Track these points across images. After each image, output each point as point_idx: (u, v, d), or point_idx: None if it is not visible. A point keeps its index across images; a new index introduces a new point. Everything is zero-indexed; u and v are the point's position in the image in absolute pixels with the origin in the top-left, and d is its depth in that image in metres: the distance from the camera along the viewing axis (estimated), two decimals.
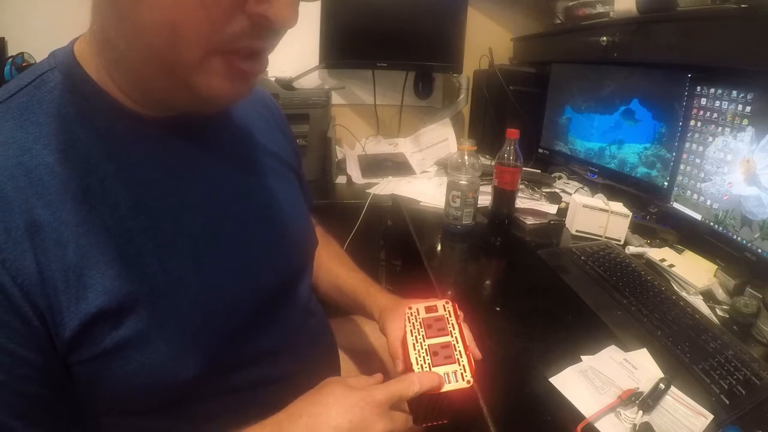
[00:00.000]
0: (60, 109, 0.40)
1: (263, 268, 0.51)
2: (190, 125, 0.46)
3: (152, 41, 0.35)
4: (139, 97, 0.41)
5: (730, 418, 0.56)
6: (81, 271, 0.37)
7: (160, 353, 0.41)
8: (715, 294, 0.84)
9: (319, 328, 0.63)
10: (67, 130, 0.39)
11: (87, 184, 0.39)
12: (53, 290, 0.36)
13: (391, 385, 0.46)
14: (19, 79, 0.41)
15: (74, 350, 0.38)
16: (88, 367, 0.39)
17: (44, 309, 0.36)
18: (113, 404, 0.43)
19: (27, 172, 0.37)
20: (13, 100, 0.39)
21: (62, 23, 0.95)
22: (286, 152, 0.62)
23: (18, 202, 0.36)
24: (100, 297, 0.38)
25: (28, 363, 0.36)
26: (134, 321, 0.40)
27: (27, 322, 0.35)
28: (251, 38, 0.36)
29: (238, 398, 0.50)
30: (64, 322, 0.37)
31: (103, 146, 0.40)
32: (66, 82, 0.40)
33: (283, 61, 1.41)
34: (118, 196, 0.40)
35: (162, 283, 0.42)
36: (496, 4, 1.66)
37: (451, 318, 0.55)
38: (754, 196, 0.81)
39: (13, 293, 0.35)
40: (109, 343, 0.39)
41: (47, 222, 0.37)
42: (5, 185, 0.36)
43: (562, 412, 0.56)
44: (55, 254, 0.37)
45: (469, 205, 1.02)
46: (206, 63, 0.36)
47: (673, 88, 1.01)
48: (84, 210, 0.38)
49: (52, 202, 0.37)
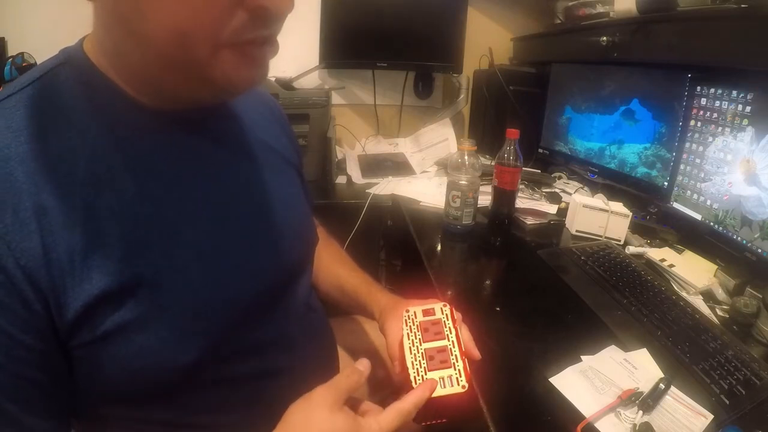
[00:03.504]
0: (70, 101, 0.41)
1: (263, 261, 0.52)
2: (194, 119, 0.47)
3: (164, 50, 0.37)
4: (148, 92, 0.43)
5: (730, 418, 0.56)
6: (86, 253, 0.38)
7: (159, 338, 0.42)
8: (715, 294, 0.84)
9: (318, 324, 0.63)
10: (76, 119, 0.41)
11: (95, 170, 0.40)
12: (58, 271, 0.37)
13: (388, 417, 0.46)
14: (31, 73, 0.43)
15: (76, 333, 0.39)
16: (88, 350, 0.40)
17: (48, 292, 0.37)
18: (112, 390, 0.43)
19: (37, 158, 0.38)
20: (25, 92, 0.41)
21: (62, 23, 0.95)
22: (288, 150, 0.63)
23: (27, 186, 0.37)
24: (104, 278, 0.39)
25: (27, 347, 0.37)
26: (135, 304, 0.41)
27: (28, 306, 0.36)
28: (254, 29, 0.37)
29: (236, 389, 0.50)
30: (67, 303, 0.38)
31: (110, 136, 0.42)
32: (76, 75, 0.42)
33: (283, 61, 1.40)
34: (125, 183, 0.42)
35: (164, 268, 0.42)
36: (496, 4, 1.66)
37: (448, 321, 0.55)
38: (754, 196, 0.81)
39: (16, 276, 0.36)
40: (110, 325, 0.39)
41: (55, 205, 0.38)
42: (16, 170, 0.37)
43: (562, 412, 0.56)
44: (62, 236, 0.38)
45: (469, 205, 1.02)
46: (217, 57, 0.37)
47: (673, 88, 1.01)
48: (92, 195, 0.40)
49: (61, 187, 0.39)
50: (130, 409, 0.46)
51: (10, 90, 0.41)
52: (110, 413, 0.45)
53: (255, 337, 0.51)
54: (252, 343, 0.51)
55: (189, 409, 0.48)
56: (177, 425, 0.48)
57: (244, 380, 0.51)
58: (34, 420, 0.39)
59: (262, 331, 0.52)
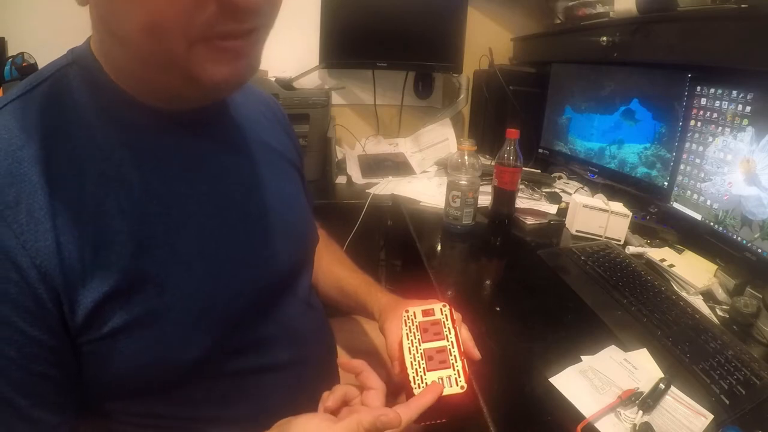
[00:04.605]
0: (78, 100, 0.42)
1: (264, 259, 0.52)
2: (197, 119, 0.48)
3: (141, 47, 0.37)
4: (147, 92, 0.43)
5: (730, 418, 0.56)
6: (96, 251, 0.39)
7: (165, 334, 0.42)
8: (715, 294, 0.84)
9: (317, 322, 0.64)
10: (86, 119, 0.42)
11: (104, 169, 0.41)
12: (70, 270, 0.38)
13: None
14: (39, 73, 0.44)
15: (86, 329, 0.39)
16: (97, 346, 0.40)
17: (60, 290, 0.38)
18: (117, 385, 0.44)
19: (49, 158, 0.39)
20: (35, 91, 0.42)
21: (62, 23, 0.95)
22: (289, 150, 0.63)
23: (41, 186, 0.38)
24: (113, 276, 0.40)
25: (39, 343, 0.38)
26: (142, 301, 0.41)
27: (41, 304, 0.37)
28: (226, 22, 0.37)
29: (239, 384, 0.51)
30: (78, 300, 0.38)
31: (118, 135, 0.43)
32: (83, 75, 0.43)
33: (283, 61, 1.41)
34: (133, 182, 0.43)
35: (171, 265, 0.43)
36: (496, 4, 1.66)
37: (447, 322, 0.55)
38: (754, 196, 0.81)
39: (30, 275, 0.36)
40: (118, 322, 0.40)
41: (68, 205, 0.39)
42: (29, 171, 0.38)
43: (562, 412, 0.56)
44: (74, 235, 0.38)
45: (469, 205, 1.02)
46: (192, 52, 0.37)
47: (673, 88, 1.01)
48: (101, 193, 0.41)
49: (73, 186, 0.39)
50: (134, 404, 0.46)
51: (20, 90, 0.42)
52: (115, 408, 0.46)
53: (255, 333, 0.52)
54: (252, 340, 0.51)
55: (192, 403, 0.48)
56: (180, 419, 0.48)
57: (247, 375, 0.51)
58: (44, 414, 0.40)
59: (262, 328, 0.52)
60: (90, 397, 0.44)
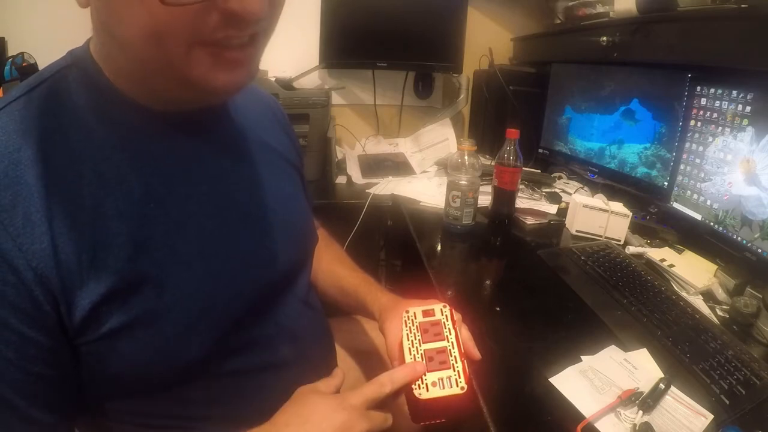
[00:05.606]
0: (77, 102, 0.42)
1: (264, 259, 0.53)
2: (196, 120, 0.48)
3: (141, 51, 0.37)
4: (146, 94, 0.44)
5: (730, 418, 0.56)
6: (94, 253, 0.39)
7: (164, 334, 0.43)
8: (715, 294, 0.84)
9: (316, 322, 0.64)
10: (84, 121, 0.42)
11: (103, 171, 0.41)
12: (67, 272, 0.38)
13: (364, 388, 0.48)
14: (39, 74, 0.44)
15: (83, 330, 0.39)
16: (95, 347, 0.40)
17: (57, 292, 0.38)
18: (117, 384, 0.44)
19: (46, 160, 0.39)
20: (34, 92, 0.42)
21: (62, 23, 0.95)
22: (289, 151, 0.64)
23: (37, 189, 0.38)
24: (111, 278, 0.40)
25: (37, 344, 0.38)
26: (141, 302, 0.41)
27: (38, 306, 0.37)
28: (227, 30, 0.37)
29: (238, 382, 0.51)
30: (76, 302, 0.39)
31: (116, 137, 0.43)
32: (82, 77, 0.43)
33: (283, 61, 1.42)
34: (132, 183, 0.43)
35: (171, 265, 0.43)
36: (496, 4, 1.66)
37: (447, 322, 0.55)
38: (754, 196, 0.81)
39: (27, 277, 0.36)
40: (116, 322, 0.40)
41: (65, 207, 0.39)
42: (26, 173, 0.38)
43: (562, 412, 0.56)
44: (71, 237, 0.38)
45: (469, 205, 1.02)
46: (192, 56, 0.37)
47: (673, 88, 1.01)
48: (100, 194, 0.41)
49: (70, 189, 0.39)
50: (134, 403, 0.46)
51: (18, 92, 0.42)
52: (114, 407, 0.46)
53: (254, 332, 0.52)
54: (251, 339, 0.51)
55: (192, 402, 0.48)
56: (180, 418, 0.48)
57: (246, 374, 0.51)
58: (43, 414, 0.40)
59: (261, 327, 0.52)
60: (89, 397, 0.44)
